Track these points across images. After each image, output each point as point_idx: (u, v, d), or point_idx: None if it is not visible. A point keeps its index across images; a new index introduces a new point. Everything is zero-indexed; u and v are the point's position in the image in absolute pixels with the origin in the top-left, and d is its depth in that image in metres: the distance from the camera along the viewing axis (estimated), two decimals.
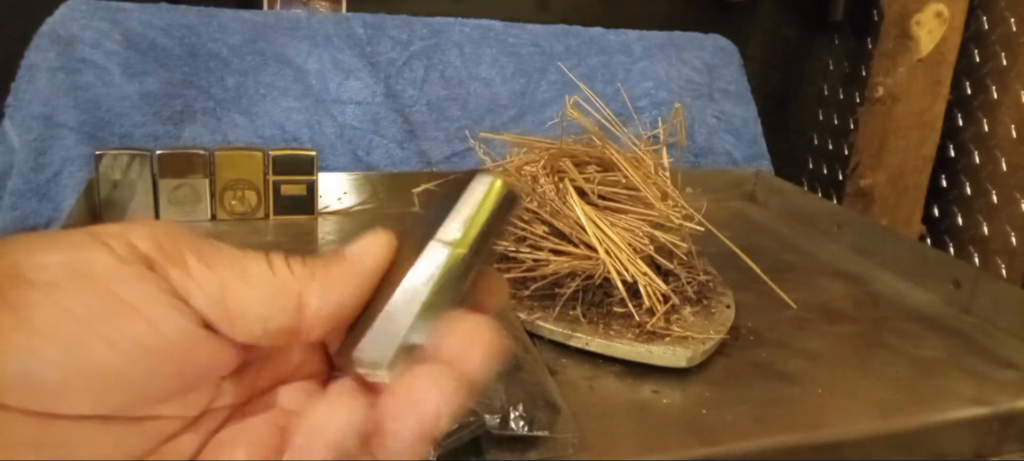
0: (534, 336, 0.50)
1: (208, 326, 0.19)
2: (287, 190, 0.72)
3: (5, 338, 0.16)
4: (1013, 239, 0.85)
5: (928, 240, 0.97)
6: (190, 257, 0.19)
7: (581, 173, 0.55)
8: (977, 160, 0.91)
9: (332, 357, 0.22)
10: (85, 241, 0.18)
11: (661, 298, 0.49)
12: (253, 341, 0.19)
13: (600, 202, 0.54)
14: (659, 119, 0.94)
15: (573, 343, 0.49)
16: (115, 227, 0.19)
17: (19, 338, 0.16)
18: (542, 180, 0.54)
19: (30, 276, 0.17)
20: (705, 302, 0.54)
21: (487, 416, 0.38)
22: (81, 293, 0.17)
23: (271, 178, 0.71)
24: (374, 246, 0.21)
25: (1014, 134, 0.86)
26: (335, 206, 0.78)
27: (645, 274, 0.49)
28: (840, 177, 1.10)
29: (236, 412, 0.21)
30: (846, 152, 1.08)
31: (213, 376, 0.20)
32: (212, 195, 0.70)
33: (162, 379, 0.18)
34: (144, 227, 0.19)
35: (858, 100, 1.05)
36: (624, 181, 0.55)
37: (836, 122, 1.13)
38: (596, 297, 0.52)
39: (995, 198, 0.88)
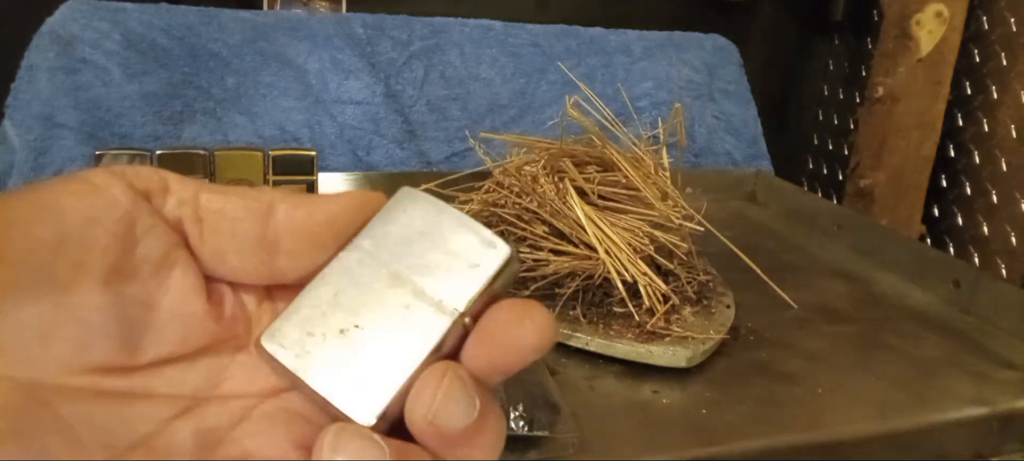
0: None
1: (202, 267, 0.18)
2: None
3: None
4: (1013, 239, 0.85)
5: (928, 240, 0.97)
6: (168, 175, 0.19)
7: (581, 173, 0.55)
8: (977, 160, 0.91)
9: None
10: (65, 178, 0.18)
11: (661, 298, 0.49)
12: (224, 252, 0.19)
13: (600, 202, 0.54)
14: (659, 119, 0.94)
15: (573, 343, 0.49)
16: (99, 168, 0.19)
17: None
18: (542, 180, 0.54)
19: (4, 213, 0.17)
20: (705, 302, 0.54)
21: None
22: (54, 220, 0.17)
23: (271, 178, 0.71)
24: (351, 195, 0.21)
25: (1014, 134, 0.86)
26: None
27: (645, 274, 0.49)
28: (840, 177, 1.10)
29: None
30: (846, 152, 1.08)
31: (207, 328, 0.19)
32: None
33: (144, 313, 0.17)
34: (125, 165, 0.19)
35: (858, 100, 1.05)
36: (624, 181, 0.54)
37: (836, 122, 1.13)
38: (596, 297, 0.52)
39: (995, 198, 0.88)
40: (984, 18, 0.90)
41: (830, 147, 1.14)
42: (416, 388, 0.18)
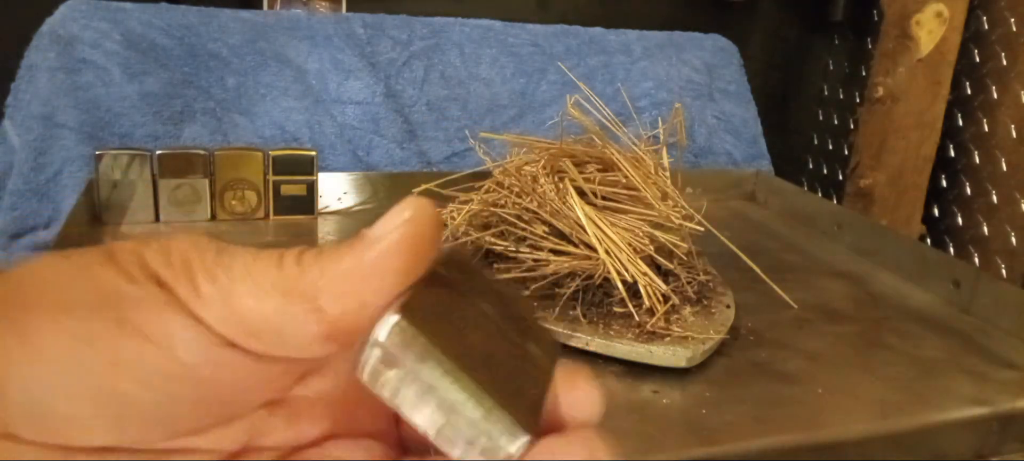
0: None
1: (232, 344, 0.17)
2: (287, 190, 0.72)
3: (9, 365, 0.15)
4: (1013, 239, 0.85)
5: (928, 240, 0.97)
6: (198, 270, 0.17)
7: (581, 173, 0.55)
8: (977, 160, 0.91)
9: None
10: (94, 261, 0.17)
11: (661, 298, 0.49)
12: (283, 355, 0.17)
13: (600, 202, 0.53)
14: (659, 119, 0.94)
15: (573, 343, 0.49)
16: (129, 244, 0.17)
17: (24, 365, 0.15)
18: (542, 180, 0.54)
19: (36, 299, 0.16)
20: (705, 302, 0.54)
21: None
22: (88, 316, 0.16)
23: (271, 178, 0.71)
24: (399, 222, 0.17)
25: (1014, 134, 0.86)
26: (335, 206, 0.78)
27: (645, 274, 0.49)
28: (840, 177, 1.10)
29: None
30: (846, 152, 1.08)
31: (249, 400, 0.18)
32: (212, 195, 0.70)
33: (185, 407, 0.17)
34: (158, 242, 0.17)
35: (858, 100, 1.05)
36: (624, 181, 0.54)
37: (836, 122, 1.13)
38: (596, 297, 0.52)
39: (995, 198, 0.88)
40: (984, 18, 0.90)
41: (830, 147, 1.14)
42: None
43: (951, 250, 0.94)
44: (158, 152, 0.68)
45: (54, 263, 0.17)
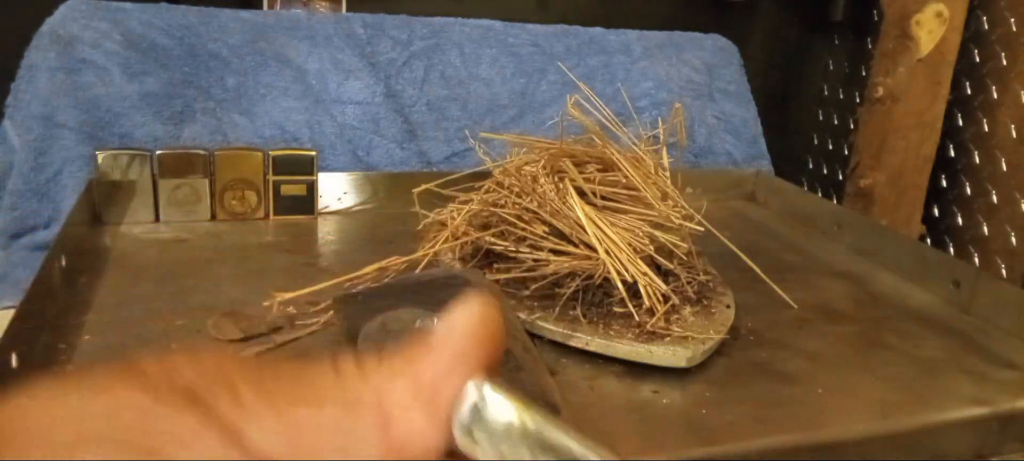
0: (534, 336, 0.50)
1: None
2: (287, 190, 0.72)
3: None
4: (1013, 239, 0.85)
5: (928, 240, 0.97)
6: (239, 380, 0.15)
7: (581, 173, 0.55)
8: (977, 160, 0.91)
9: None
10: (114, 381, 0.15)
11: (661, 298, 0.49)
12: None
13: (600, 202, 0.53)
14: (659, 119, 0.94)
15: (573, 343, 0.49)
16: (150, 359, 0.15)
17: None
18: (542, 180, 0.54)
19: (45, 437, 0.14)
20: (705, 302, 0.54)
21: None
22: (111, 452, 0.14)
23: (271, 178, 0.71)
24: (471, 323, 0.16)
25: (1014, 134, 0.86)
26: (335, 206, 0.78)
27: (645, 274, 0.49)
28: (840, 177, 1.10)
29: None
30: (846, 152, 1.08)
31: None
32: (212, 195, 0.70)
33: None
34: (184, 355, 0.16)
35: (858, 100, 1.05)
36: (624, 181, 0.54)
37: (836, 122, 1.13)
38: (596, 297, 0.52)
39: (995, 198, 0.88)
40: (984, 18, 0.90)
41: (830, 147, 1.14)
42: None
43: (951, 250, 0.94)
44: (158, 152, 0.68)
45: (64, 390, 0.15)
